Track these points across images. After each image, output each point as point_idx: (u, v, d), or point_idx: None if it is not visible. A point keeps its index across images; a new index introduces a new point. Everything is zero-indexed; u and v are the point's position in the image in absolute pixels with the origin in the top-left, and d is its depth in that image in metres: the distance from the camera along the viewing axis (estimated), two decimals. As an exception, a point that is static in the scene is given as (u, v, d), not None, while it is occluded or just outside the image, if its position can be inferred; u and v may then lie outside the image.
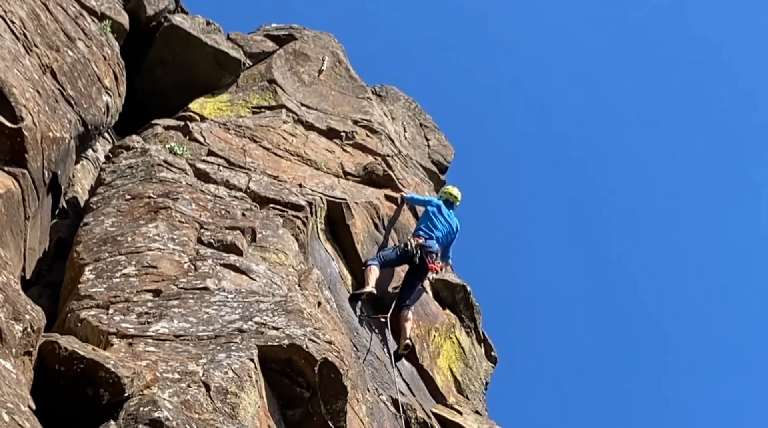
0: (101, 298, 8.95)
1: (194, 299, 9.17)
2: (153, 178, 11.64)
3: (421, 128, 18.61)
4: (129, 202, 11.00)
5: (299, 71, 17.22)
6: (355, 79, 17.90)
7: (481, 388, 14.72)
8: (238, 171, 13.04)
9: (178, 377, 7.63)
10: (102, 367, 6.85)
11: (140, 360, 7.79)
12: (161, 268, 9.59)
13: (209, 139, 13.90)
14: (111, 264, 9.59)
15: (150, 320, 8.65)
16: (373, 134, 16.20)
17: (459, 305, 14.91)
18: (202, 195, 11.61)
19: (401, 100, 18.97)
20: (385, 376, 12.07)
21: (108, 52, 12.90)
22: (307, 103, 16.37)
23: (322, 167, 14.57)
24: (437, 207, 14.17)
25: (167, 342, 8.30)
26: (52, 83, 10.82)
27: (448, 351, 14.27)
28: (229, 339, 8.53)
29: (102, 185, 11.75)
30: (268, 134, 14.78)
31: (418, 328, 13.60)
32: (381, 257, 13.35)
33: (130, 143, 12.91)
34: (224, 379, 7.74)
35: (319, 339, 8.87)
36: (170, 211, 10.77)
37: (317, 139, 15.41)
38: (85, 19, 12.83)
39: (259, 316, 8.99)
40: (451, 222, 14.18)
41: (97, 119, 11.89)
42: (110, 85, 12.54)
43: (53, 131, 10.00)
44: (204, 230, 10.70)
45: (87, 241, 10.11)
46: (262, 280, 9.99)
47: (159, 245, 10.00)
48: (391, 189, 14.84)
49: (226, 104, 15.82)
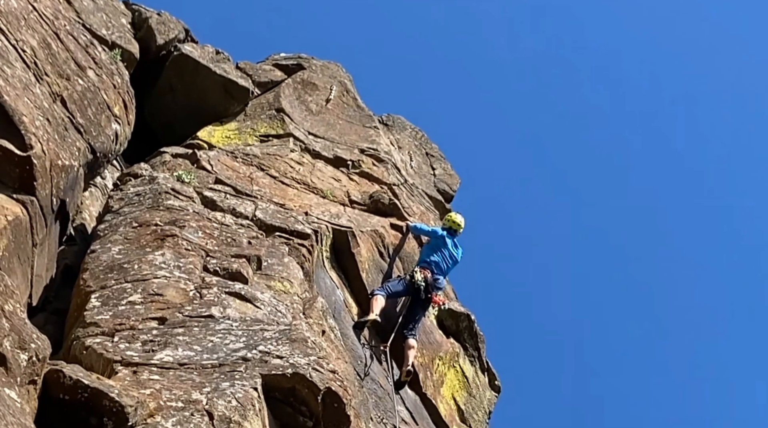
0: (107, 325, 8.99)
1: (199, 327, 9.21)
2: (160, 206, 11.70)
3: (427, 157, 18.68)
4: (136, 229, 11.06)
5: (307, 100, 17.33)
6: (363, 109, 17.99)
7: (484, 417, 14.72)
8: (244, 199, 13.11)
9: (182, 405, 7.67)
10: (106, 396, 6.89)
11: (144, 388, 7.84)
12: (167, 296, 9.64)
13: (217, 167, 13.99)
14: (117, 292, 9.64)
15: (155, 348, 8.69)
16: (379, 163, 16.27)
17: (463, 334, 14.93)
18: (209, 223, 11.67)
19: (408, 129, 19.05)
20: (388, 405, 12.08)
21: (118, 80, 13.02)
22: (315, 132, 16.46)
23: (328, 196, 14.64)
24: (442, 238, 14.24)
25: (171, 371, 8.34)
26: (62, 111, 10.93)
27: (452, 379, 14.29)
28: (233, 368, 8.56)
29: (109, 212, 11.81)
30: (276, 162, 14.86)
31: (421, 356, 13.62)
32: (388, 288, 13.40)
33: (138, 171, 12.99)
34: (228, 408, 7.78)
35: (323, 368, 8.89)
36: (177, 239, 10.82)
37: (324, 167, 15.48)
38: (95, 48, 12.95)
39: (263, 345, 9.02)
40: (455, 253, 14.26)
41: (105, 146, 11.99)
42: (119, 113, 12.65)
43: (62, 158, 10.08)
44: (210, 258, 10.75)
45: (94, 268, 10.17)
46: (267, 308, 10.03)
47: (165, 272, 10.05)
48: (396, 218, 14.89)
49: (234, 133, 15.91)
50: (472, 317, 15.08)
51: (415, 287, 13.47)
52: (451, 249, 14.22)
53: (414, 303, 13.57)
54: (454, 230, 14.47)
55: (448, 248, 14.17)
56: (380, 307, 13.00)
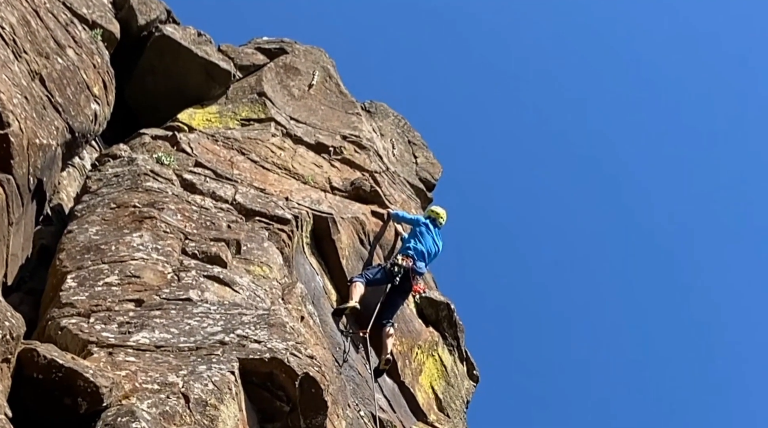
0: (83, 306, 8.90)
1: (176, 310, 9.14)
2: (139, 187, 11.60)
3: (410, 145, 18.62)
4: (114, 211, 10.96)
5: (289, 85, 17.22)
6: (345, 95, 17.91)
7: (462, 407, 14.70)
8: (224, 183, 13.01)
9: (158, 388, 7.60)
10: (81, 376, 6.81)
11: (120, 369, 7.76)
12: (144, 278, 9.56)
13: (197, 150, 13.87)
14: (94, 273, 9.55)
15: (131, 330, 8.62)
16: (361, 150, 16.19)
17: (442, 323, 14.90)
18: (188, 206, 11.58)
19: (390, 116, 18.98)
20: (366, 392, 12.04)
21: (98, 60, 12.87)
22: (297, 117, 16.36)
23: (309, 181, 14.55)
24: (425, 226, 14.18)
25: (148, 353, 8.27)
26: (41, 90, 10.79)
27: (430, 368, 14.25)
28: (211, 351, 8.50)
29: (87, 192, 11.70)
30: (256, 146, 14.76)
31: (400, 345, 13.57)
32: (367, 275, 13.33)
33: (117, 152, 12.87)
34: (204, 391, 7.71)
35: (301, 354, 8.85)
36: (155, 221, 10.73)
37: (305, 153, 15.39)
38: (75, 27, 12.80)
39: (241, 329, 8.96)
40: (437, 242, 14.20)
41: (84, 126, 11.85)
42: (99, 93, 12.51)
43: (40, 137, 9.96)
44: (188, 241, 10.67)
45: (70, 249, 10.07)
46: (246, 293, 9.96)
47: (143, 254, 9.97)
48: (377, 205, 14.82)
49: (215, 116, 15.79)
50: (452, 307, 15.05)
51: (395, 275, 13.39)
52: (434, 239, 14.16)
53: (394, 291, 13.51)
54: (436, 220, 14.40)
55: (430, 237, 14.10)
56: (359, 294, 12.94)
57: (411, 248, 13.86)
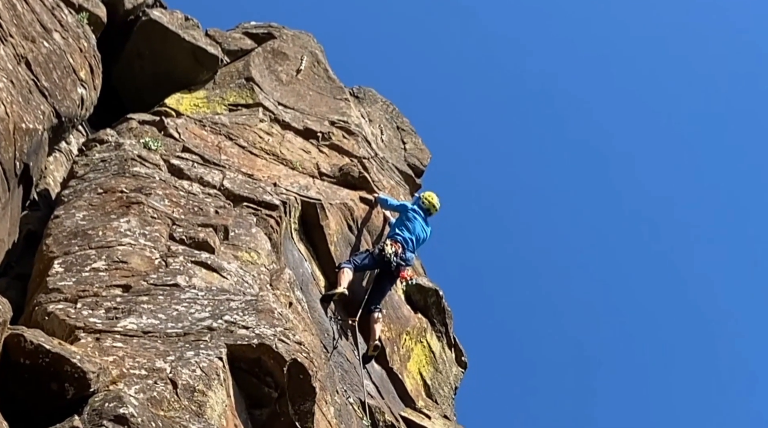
0: (69, 292, 8.87)
1: (164, 295, 9.11)
2: (126, 172, 11.55)
3: (398, 130, 18.57)
4: (101, 196, 10.91)
5: (277, 70, 17.15)
6: (333, 80, 17.85)
7: (450, 393, 14.70)
8: (212, 168, 12.95)
9: (145, 373, 7.58)
10: (68, 362, 6.79)
11: (107, 355, 7.73)
12: (131, 263, 9.53)
13: (184, 135, 13.80)
14: (81, 258, 9.51)
15: (118, 315, 8.59)
16: (349, 136, 16.15)
17: (431, 310, 14.88)
18: (176, 191, 11.53)
19: (379, 102, 18.93)
20: (355, 378, 12.03)
21: (84, 44, 12.78)
22: (285, 103, 16.30)
23: (297, 167, 14.50)
24: (413, 211, 14.13)
25: (135, 338, 8.25)
26: (27, 74, 10.71)
27: (419, 354, 14.25)
28: (198, 337, 8.48)
29: (74, 178, 11.64)
30: (244, 132, 14.70)
31: (389, 331, 13.56)
32: (355, 261, 13.29)
33: (104, 137, 12.81)
34: (192, 377, 7.69)
35: (289, 340, 8.83)
36: (142, 206, 10.70)
37: (293, 138, 15.33)
38: (62, 11, 12.70)
39: (229, 315, 8.94)
40: (425, 228, 14.17)
41: (71, 111, 11.78)
42: (86, 77, 12.43)
43: (26, 121, 9.90)
44: (176, 227, 10.63)
45: (57, 234, 10.02)
46: (234, 278, 9.94)
47: (130, 240, 9.93)
48: (366, 191, 14.78)
49: (203, 101, 15.72)
50: (440, 293, 15.03)
51: (384, 260, 13.37)
52: (422, 225, 14.12)
53: (382, 277, 13.48)
54: (427, 209, 14.36)
55: (418, 223, 14.06)
56: (348, 280, 12.91)
57: (398, 234, 13.81)
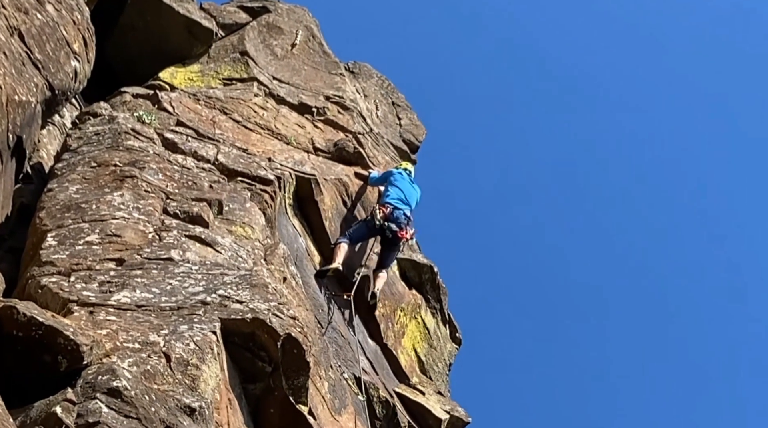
0: (63, 265, 8.83)
1: (158, 269, 9.08)
2: (120, 146, 11.48)
3: (394, 106, 18.51)
4: (94, 169, 10.85)
5: (272, 44, 17.06)
6: (329, 55, 17.77)
7: (444, 369, 14.72)
8: (206, 142, 12.89)
9: (139, 347, 7.56)
10: (61, 334, 6.76)
11: (100, 328, 7.70)
12: (125, 237, 9.49)
13: (178, 109, 13.73)
14: (74, 231, 9.47)
15: (112, 289, 8.56)
16: (344, 111, 16.09)
17: (425, 286, 14.88)
18: (170, 165, 11.48)
19: (374, 77, 18.85)
20: (349, 354, 12.02)
21: (78, 16, 12.66)
22: (279, 77, 16.22)
23: (292, 142, 14.45)
24: (398, 174, 14.19)
25: (129, 312, 8.22)
26: (20, 46, 10.62)
27: (413, 331, 14.25)
28: (192, 311, 8.45)
29: (67, 151, 11.58)
30: (239, 106, 14.63)
31: (383, 307, 13.55)
32: (350, 234, 13.27)
33: (98, 110, 12.73)
34: (185, 351, 7.67)
35: (283, 314, 8.81)
36: (136, 180, 10.64)
37: (288, 113, 15.27)
38: (55, -18, 12.59)
39: (223, 289, 8.91)
40: (412, 190, 14.19)
41: (64, 83, 11.69)
42: (79, 50, 12.33)
43: (19, 94, 9.82)
44: (170, 201, 10.58)
45: (50, 207, 9.97)
46: (228, 253, 9.91)
47: (124, 214, 9.88)
48: (361, 167, 14.74)
49: (197, 75, 15.64)
50: (435, 270, 15.03)
51: (377, 227, 13.34)
52: (408, 183, 14.17)
53: (384, 245, 13.51)
54: (409, 172, 14.47)
55: (405, 182, 14.09)
56: (343, 255, 12.88)
57: (387, 198, 13.78)
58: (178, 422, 6.84)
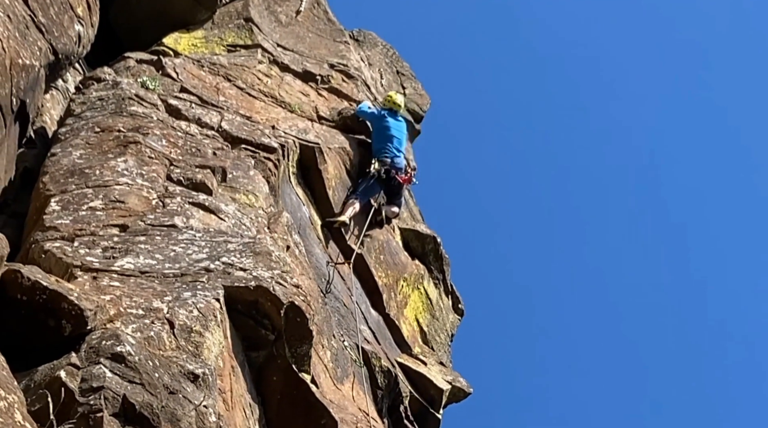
0: (66, 230, 8.81)
1: (161, 236, 9.05)
2: (123, 111, 11.43)
3: (398, 75, 18.40)
4: (98, 135, 10.81)
5: (276, 11, 16.93)
6: (333, 22, 17.65)
7: (446, 340, 14.72)
8: (210, 109, 12.82)
9: (142, 313, 7.54)
10: (65, 299, 6.75)
11: (104, 294, 7.69)
12: (129, 203, 9.46)
13: (182, 75, 13.64)
14: (77, 197, 9.44)
15: (115, 255, 8.54)
16: (349, 79, 15.98)
17: (428, 256, 14.86)
18: (173, 132, 11.43)
19: (379, 46, 18.72)
20: (351, 323, 12.02)
21: (82, -20, 12.57)
22: (284, 44, 16.11)
23: (296, 110, 14.36)
24: (384, 118, 14.33)
25: (132, 278, 8.20)
26: (23, 9, 10.53)
27: (416, 301, 14.24)
28: (196, 278, 8.44)
29: (71, 116, 11.53)
30: (243, 73, 14.53)
31: (386, 277, 13.54)
32: (364, 192, 13.49)
33: (102, 75, 12.65)
34: (189, 317, 7.66)
35: (287, 282, 8.80)
36: (140, 146, 10.60)
37: (292, 81, 15.17)
38: (59, -55, 12.47)
39: (226, 256, 8.90)
40: (401, 127, 14.46)
41: (68, 48, 11.60)
42: (83, 14, 12.23)
43: (23, 57, 9.75)
44: (174, 167, 10.54)
45: (54, 172, 9.93)
46: (231, 220, 9.88)
47: (127, 179, 9.85)
48: (365, 136, 14.67)
49: (201, 41, 15.52)
50: (438, 240, 15.00)
51: (382, 178, 13.68)
52: (395, 124, 14.36)
53: (388, 193, 13.97)
54: (394, 111, 14.59)
55: (391, 123, 14.29)
56: (353, 212, 13.05)
57: (379, 147, 14.04)
58: (182, 388, 6.84)
